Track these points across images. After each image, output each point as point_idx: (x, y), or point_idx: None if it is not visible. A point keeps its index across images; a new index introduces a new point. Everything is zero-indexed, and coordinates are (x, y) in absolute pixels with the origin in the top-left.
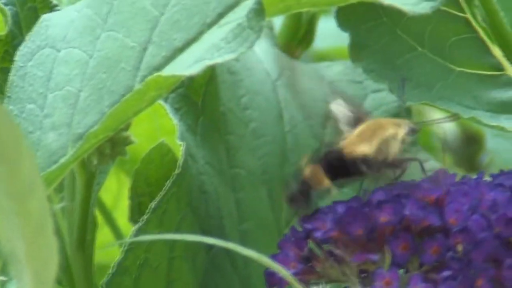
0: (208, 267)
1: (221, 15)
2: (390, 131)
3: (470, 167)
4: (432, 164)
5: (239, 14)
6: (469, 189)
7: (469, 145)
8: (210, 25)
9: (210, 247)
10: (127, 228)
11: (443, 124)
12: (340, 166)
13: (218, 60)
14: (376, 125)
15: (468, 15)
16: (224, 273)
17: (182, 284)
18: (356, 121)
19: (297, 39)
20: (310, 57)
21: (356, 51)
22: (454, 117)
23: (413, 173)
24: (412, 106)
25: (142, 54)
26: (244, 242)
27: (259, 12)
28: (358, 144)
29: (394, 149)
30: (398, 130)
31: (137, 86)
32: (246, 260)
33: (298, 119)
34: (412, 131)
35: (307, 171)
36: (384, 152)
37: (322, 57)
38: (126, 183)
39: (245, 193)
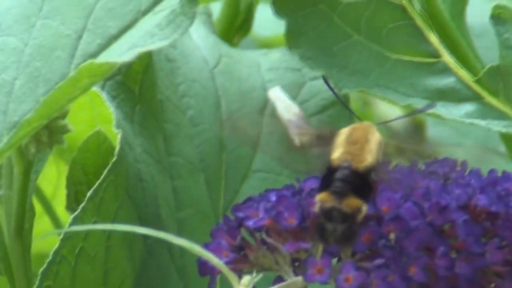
0: (146, 255)
1: (155, 2)
2: (376, 135)
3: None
4: None
5: (172, 1)
6: (401, 177)
7: (415, 134)
8: (144, 12)
9: (147, 235)
10: (67, 217)
11: (390, 113)
12: (359, 183)
13: (151, 47)
14: (359, 132)
15: (405, 2)
16: (161, 262)
17: (119, 273)
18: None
19: (235, 26)
20: (255, 45)
21: (293, 38)
22: (414, 113)
23: None
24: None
25: (77, 42)
26: (181, 230)
27: None
28: (361, 155)
29: (381, 151)
30: (376, 133)
31: (71, 74)
32: (183, 249)
33: (235, 106)
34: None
35: (345, 206)
36: (380, 156)
37: (266, 45)
38: (65, 172)
39: (183, 181)
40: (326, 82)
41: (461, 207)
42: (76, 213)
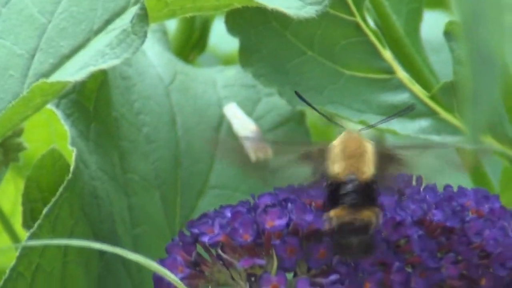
0: (102, 271)
1: (108, 22)
2: (368, 144)
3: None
4: None
5: (125, 20)
6: None
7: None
8: (97, 32)
9: (104, 252)
10: (25, 234)
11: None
12: (369, 193)
13: (102, 66)
14: (353, 144)
15: (358, 19)
16: (118, 278)
17: None
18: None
19: (191, 43)
20: (217, 60)
21: (246, 55)
22: (375, 124)
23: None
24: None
25: (30, 61)
26: (137, 247)
27: (142, 17)
28: (363, 167)
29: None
30: (368, 142)
31: (24, 93)
32: (140, 265)
33: (191, 123)
34: None
35: (364, 216)
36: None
37: (228, 60)
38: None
39: (138, 198)
40: (299, 96)
41: (416, 222)
42: (32, 230)
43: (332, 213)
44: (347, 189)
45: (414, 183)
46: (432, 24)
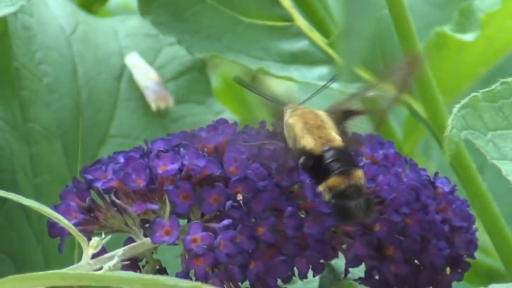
0: (2, 221)
1: None
2: (321, 112)
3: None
4: None
5: None
6: (249, 139)
7: None
8: None
9: (3, 202)
10: None
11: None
12: (348, 156)
13: None
14: (310, 116)
15: None
16: (19, 227)
17: None
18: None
19: None
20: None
21: (145, 4)
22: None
23: None
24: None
25: None
26: (38, 196)
27: None
28: (330, 135)
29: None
30: (319, 110)
31: None
32: (41, 214)
33: (92, 73)
34: None
35: (357, 179)
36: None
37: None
38: None
39: (40, 147)
40: (239, 82)
41: None
42: None
43: (325, 185)
44: (328, 159)
45: None
46: None
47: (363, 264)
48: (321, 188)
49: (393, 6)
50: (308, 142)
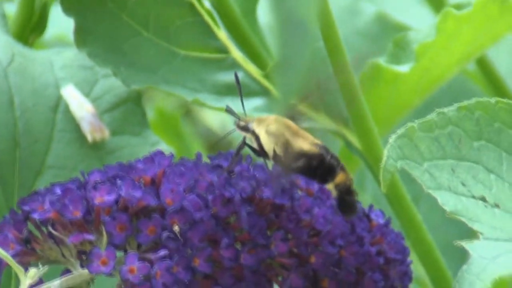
0: None
1: None
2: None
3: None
4: None
5: None
6: (185, 170)
7: None
8: None
9: None
10: None
11: (210, 120)
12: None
13: None
14: (287, 122)
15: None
16: None
17: None
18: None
19: (30, 26)
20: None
21: (81, 36)
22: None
23: None
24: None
25: None
26: None
27: None
28: (310, 136)
29: None
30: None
31: None
32: None
33: (29, 104)
34: None
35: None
36: None
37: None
38: None
39: None
40: (229, 111)
41: (246, 199)
42: None
43: (333, 183)
44: (328, 157)
45: (244, 161)
46: None
47: None
48: (330, 186)
49: (328, 38)
50: (304, 144)
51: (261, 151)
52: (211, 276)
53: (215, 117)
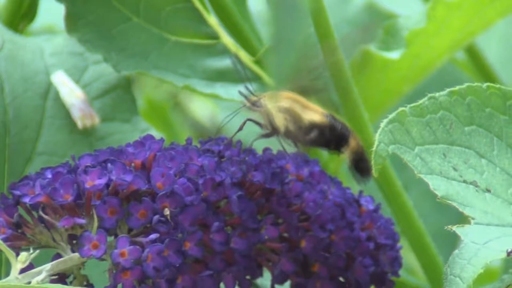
0: None
1: None
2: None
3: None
4: None
5: None
6: (176, 154)
7: None
8: None
9: None
10: None
11: (200, 112)
12: None
13: None
14: (295, 96)
15: None
16: None
17: None
18: None
19: (20, 13)
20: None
21: (71, 22)
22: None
23: None
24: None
25: None
26: None
27: None
28: (320, 108)
29: None
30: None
31: None
32: None
33: (19, 91)
34: None
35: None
36: None
37: None
38: None
39: None
40: (235, 63)
41: (236, 183)
42: None
43: (349, 150)
44: (339, 126)
45: (234, 146)
46: None
47: (289, 281)
48: (346, 154)
49: (318, 24)
50: (314, 116)
51: (271, 127)
52: (201, 260)
53: (204, 109)
